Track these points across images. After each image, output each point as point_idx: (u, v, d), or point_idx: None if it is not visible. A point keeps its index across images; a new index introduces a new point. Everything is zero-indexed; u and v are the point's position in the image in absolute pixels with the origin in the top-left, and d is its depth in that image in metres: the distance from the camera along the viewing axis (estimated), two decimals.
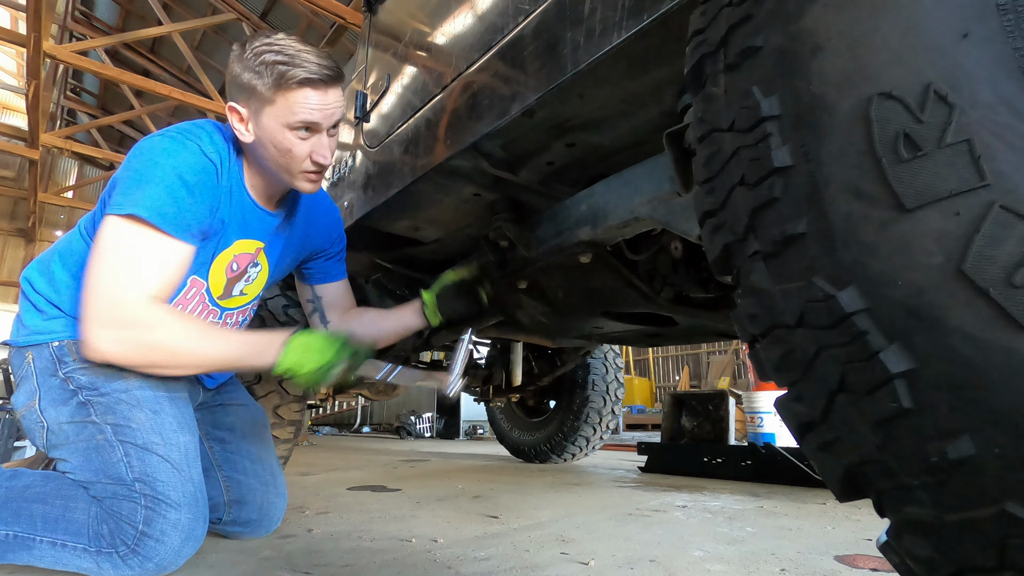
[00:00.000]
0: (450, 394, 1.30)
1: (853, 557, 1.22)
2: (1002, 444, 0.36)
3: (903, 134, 0.40)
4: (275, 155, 1.10)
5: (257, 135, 1.10)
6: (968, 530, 0.38)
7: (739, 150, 0.50)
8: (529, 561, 1.16)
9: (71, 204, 11.23)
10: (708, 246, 0.54)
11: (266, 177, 1.19)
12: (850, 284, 0.42)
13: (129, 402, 1.08)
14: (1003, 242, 0.37)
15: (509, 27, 1.09)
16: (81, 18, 9.62)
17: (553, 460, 3.44)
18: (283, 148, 1.09)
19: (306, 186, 1.16)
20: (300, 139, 1.09)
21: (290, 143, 1.08)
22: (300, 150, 1.10)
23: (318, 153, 1.11)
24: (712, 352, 14.78)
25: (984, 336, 0.37)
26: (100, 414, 1.07)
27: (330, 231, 1.48)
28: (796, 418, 0.48)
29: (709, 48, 0.55)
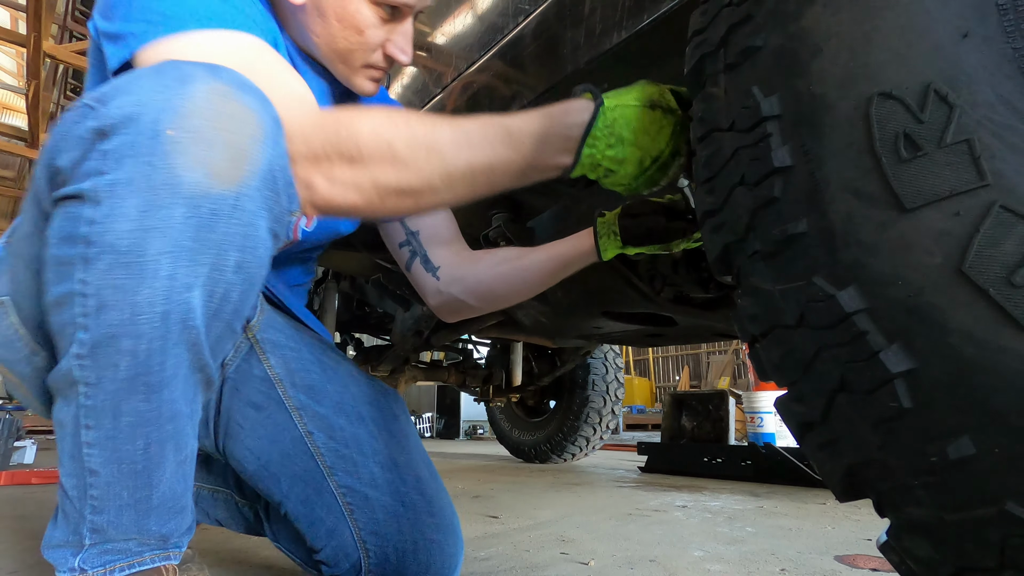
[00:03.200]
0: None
1: (853, 557, 1.22)
2: (1002, 444, 0.36)
3: (903, 134, 0.40)
4: (336, 33, 0.80)
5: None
6: (968, 530, 0.38)
7: (739, 150, 0.50)
8: (529, 561, 1.16)
9: None
10: (708, 246, 0.54)
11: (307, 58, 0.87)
12: (850, 284, 0.42)
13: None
14: (1003, 242, 0.37)
15: (509, 27, 1.09)
16: (81, 18, 9.61)
17: (553, 460, 3.44)
18: (353, 25, 0.79)
19: (366, 86, 0.86)
20: (380, 20, 0.80)
21: (365, 21, 0.79)
22: (374, 36, 0.80)
23: (395, 45, 0.82)
24: (712, 352, 14.79)
25: (984, 336, 0.37)
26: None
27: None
28: (796, 418, 0.48)
29: (709, 48, 0.55)
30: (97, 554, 0.62)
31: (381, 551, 0.85)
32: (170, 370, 0.58)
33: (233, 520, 1.03)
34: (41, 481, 2.38)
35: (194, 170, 0.53)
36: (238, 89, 0.57)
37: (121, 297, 0.53)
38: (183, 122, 0.53)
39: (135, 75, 0.56)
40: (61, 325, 0.57)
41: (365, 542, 0.85)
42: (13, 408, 3.18)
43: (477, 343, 3.72)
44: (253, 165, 0.56)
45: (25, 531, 1.41)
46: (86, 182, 0.53)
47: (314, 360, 0.93)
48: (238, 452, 0.87)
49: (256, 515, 1.01)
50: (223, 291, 0.59)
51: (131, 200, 0.52)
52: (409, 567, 0.86)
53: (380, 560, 0.85)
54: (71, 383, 0.57)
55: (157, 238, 0.53)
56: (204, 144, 0.54)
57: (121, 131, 0.53)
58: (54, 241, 0.56)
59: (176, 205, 0.53)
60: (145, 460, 0.60)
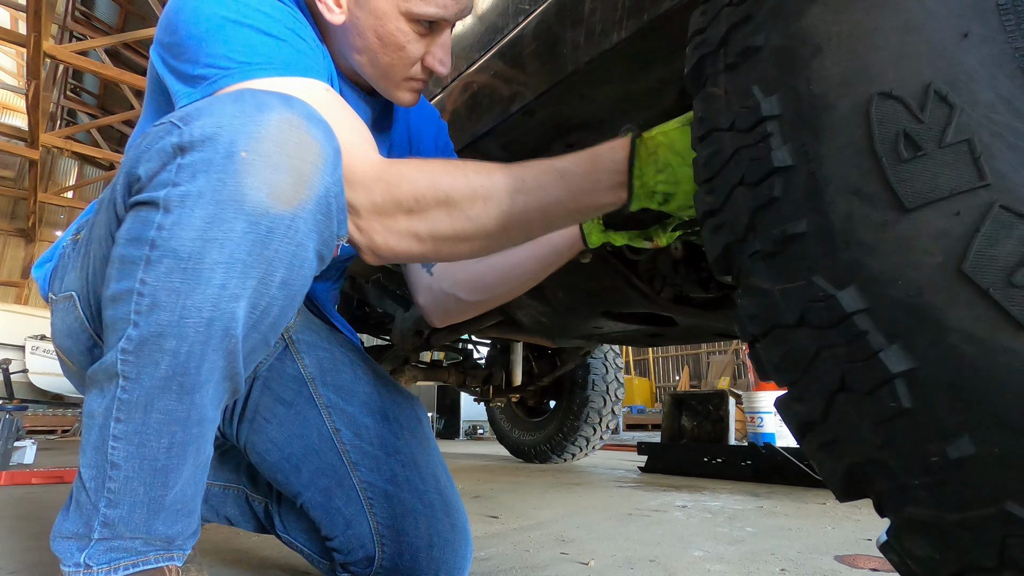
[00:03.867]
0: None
1: (853, 557, 1.22)
2: (1002, 444, 0.36)
3: (903, 134, 0.40)
4: (376, 49, 0.81)
5: (354, 17, 0.79)
6: (968, 530, 0.38)
7: (739, 150, 0.50)
8: (529, 561, 1.16)
9: (71, 204, 11.23)
10: (708, 246, 0.54)
11: (351, 74, 0.89)
12: (850, 284, 0.42)
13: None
14: (1003, 242, 0.37)
15: (509, 27, 1.09)
16: (81, 18, 9.62)
17: (553, 460, 3.45)
18: (392, 43, 0.80)
19: (407, 97, 0.87)
20: (418, 35, 0.80)
21: (403, 38, 0.79)
22: (413, 50, 0.81)
23: (435, 57, 0.83)
24: (712, 352, 14.79)
25: (984, 336, 0.37)
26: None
27: (437, 136, 1.10)
28: (796, 418, 0.48)
29: (709, 48, 0.55)
30: (103, 551, 0.63)
31: (396, 546, 0.87)
32: (204, 375, 0.61)
33: (243, 517, 1.05)
34: (41, 481, 2.38)
35: (259, 190, 0.58)
36: (307, 120, 0.61)
37: (174, 300, 0.58)
38: (256, 146, 0.58)
39: (217, 99, 0.61)
40: (114, 320, 0.61)
41: (382, 536, 0.88)
42: (13, 408, 3.18)
43: (477, 343, 3.72)
44: (312, 190, 0.61)
45: (25, 531, 1.41)
46: (160, 191, 0.58)
47: (345, 361, 0.97)
48: (260, 444, 0.90)
49: (266, 511, 1.02)
50: (265, 304, 0.63)
51: (198, 211, 0.57)
52: (421, 564, 0.88)
53: (394, 555, 0.87)
54: (112, 376, 0.60)
55: (216, 248, 0.57)
56: (272, 167, 0.59)
57: (199, 148, 0.58)
58: (122, 241, 0.60)
59: (238, 220, 0.58)
60: (167, 459, 0.63)
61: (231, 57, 0.68)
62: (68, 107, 11.69)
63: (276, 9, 0.73)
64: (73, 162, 13.65)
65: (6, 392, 6.03)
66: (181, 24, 0.70)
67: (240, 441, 0.91)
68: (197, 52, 0.69)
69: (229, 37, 0.68)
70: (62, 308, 0.79)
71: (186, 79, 0.70)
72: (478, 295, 1.02)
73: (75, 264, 0.78)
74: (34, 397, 6.76)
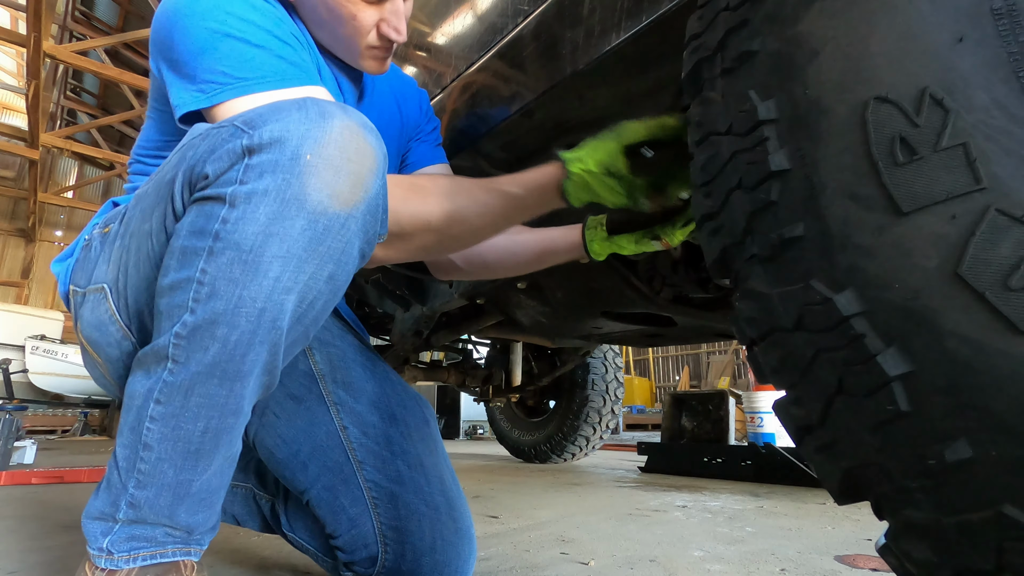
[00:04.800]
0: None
1: (853, 557, 1.22)
2: (999, 447, 0.36)
3: (899, 138, 0.40)
4: (330, 22, 0.85)
5: None
6: (966, 533, 0.38)
7: (736, 154, 0.50)
8: (529, 561, 1.16)
9: (71, 204, 11.24)
10: (706, 249, 0.54)
11: (323, 48, 0.92)
12: (847, 287, 0.42)
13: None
14: (999, 245, 0.37)
15: (508, 27, 1.09)
16: (81, 18, 9.62)
17: (553, 460, 3.45)
18: (342, 14, 0.83)
19: (371, 65, 0.90)
20: (367, 3, 0.83)
21: (353, 8, 0.83)
22: (365, 19, 0.84)
23: (388, 24, 0.85)
24: (712, 352, 14.80)
25: (981, 339, 0.37)
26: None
27: (420, 101, 1.15)
28: (794, 421, 0.48)
29: (706, 52, 0.55)
30: (125, 538, 0.66)
31: (399, 547, 0.88)
32: (248, 364, 0.64)
33: (249, 516, 1.05)
34: (41, 481, 2.38)
35: (321, 191, 0.62)
36: (363, 128, 0.66)
37: (231, 289, 0.61)
38: (321, 150, 0.62)
39: (281, 106, 0.65)
40: (170, 307, 0.64)
41: (385, 536, 0.88)
42: (13, 408, 3.18)
43: (477, 343, 3.72)
44: (366, 192, 0.66)
45: (25, 531, 1.41)
46: (228, 188, 0.62)
47: (356, 359, 0.98)
48: (269, 440, 0.90)
49: (273, 509, 1.03)
50: (312, 298, 0.66)
51: (263, 208, 0.61)
52: (424, 566, 0.88)
53: (397, 556, 0.88)
54: (161, 359, 0.64)
55: (276, 243, 0.61)
56: (334, 170, 0.63)
57: (267, 150, 0.61)
58: (184, 233, 0.64)
59: (299, 218, 0.61)
60: (200, 443, 0.66)
61: (227, 73, 0.72)
62: (68, 107, 11.70)
63: (258, 13, 0.76)
64: (73, 162, 13.66)
65: (6, 392, 6.03)
66: (176, 40, 0.73)
67: (250, 436, 0.92)
68: (195, 67, 0.72)
69: (223, 52, 0.72)
70: (92, 300, 0.79)
71: (186, 90, 0.73)
72: (474, 267, 1.10)
73: (107, 256, 0.79)
74: (34, 397, 6.76)
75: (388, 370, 1.03)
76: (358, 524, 0.88)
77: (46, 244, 13.07)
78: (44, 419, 7.01)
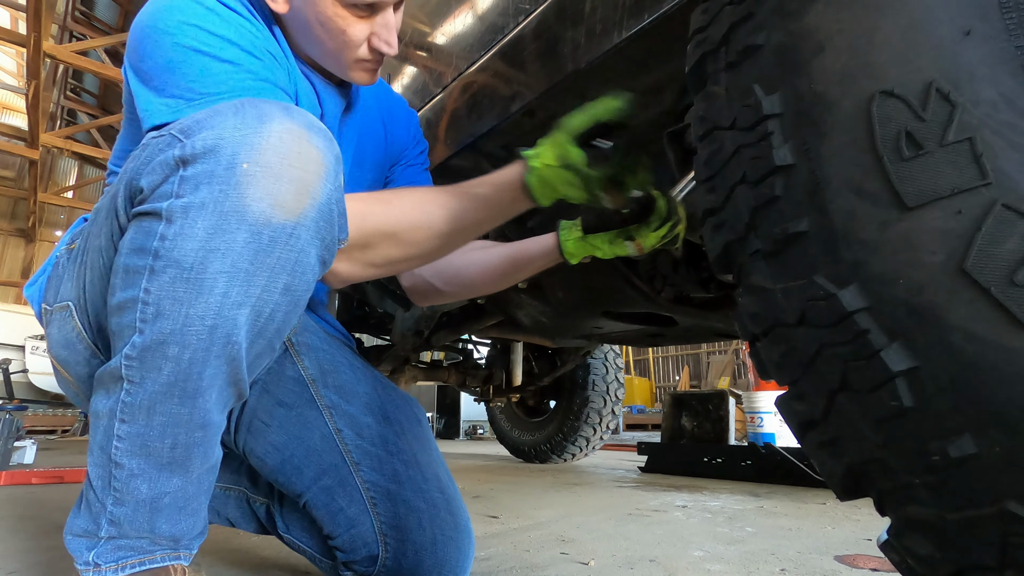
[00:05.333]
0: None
1: (853, 557, 1.22)
2: (1003, 443, 0.36)
3: (905, 132, 0.40)
4: (320, 35, 0.82)
5: (295, 7, 0.80)
6: (969, 529, 0.38)
7: (740, 148, 0.50)
8: (529, 561, 1.16)
9: (71, 204, 11.22)
10: (709, 245, 0.54)
11: (307, 60, 0.90)
12: (851, 283, 0.42)
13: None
14: (1005, 240, 0.37)
15: (509, 27, 1.09)
16: (81, 18, 9.63)
17: (553, 460, 3.44)
18: (333, 28, 0.80)
19: (361, 76, 0.88)
20: (358, 18, 0.80)
21: (343, 23, 0.80)
22: (356, 33, 0.81)
23: (379, 38, 0.83)
24: (712, 352, 14.79)
25: (985, 334, 0.37)
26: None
27: (408, 123, 1.12)
28: (797, 417, 0.47)
29: (710, 46, 0.55)
30: (111, 549, 0.65)
31: (400, 545, 0.88)
32: (207, 380, 0.62)
33: (244, 518, 1.05)
34: (41, 481, 2.37)
35: (261, 200, 0.59)
36: (307, 129, 0.63)
37: (177, 308, 0.59)
38: (258, 157, 0.59)
39: (217, 111, 0.62)
40: (120, 327, 0.62)
41: (385, 535, 0.88)
42: (13, 408, 3.18)
43: (477, 343, 3.72)
44: (314, 199, 0.63)
45: (25, 531, 1.41)
46: (163, 202, 0.59)
47: (345, 362, 0.98)
48: (260, 448, 0.90)
49: (268, 511, 1.02)
50: (270, 311, 0.64)
51: (201, 222, 0.58)
52: (425, 562, 0.88)
53: (397, 554, 0.88)
54: (116, 379, 0.62)
55: (218, 258, 0.58)
56: (273, 178, 0.60)
57: (201, 160, 0.59)
58: (125, 251, 0.62)
59: (240, 231, 0.59)
60: (171, 457, 0.64)
61: (193, 88, 0.70)
62: (68, 107, 11.69)
63: (230, 27, 0.74)
64: (73, 162, 13.65)
65: (6, 392, 6.03)
66: (147, 52, 0.72)
67: (239, 446, 0.91)
68: (163, 81, 0.70)
69: (189, 67, 0.70)
70: (58, 318, 0.78)
71: (153, 104, 0.71)
72: (455, 288, 1.06)
73: (71, 274, 0.78)
74: (34, 397, 6.76)
75: (376, 372, 1.03)
76: (357, 524, 0.88)
77: (46, 244, 13.06)
78: (44, 419, 7.00)
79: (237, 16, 0.76)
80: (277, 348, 0.71)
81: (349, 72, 0.88)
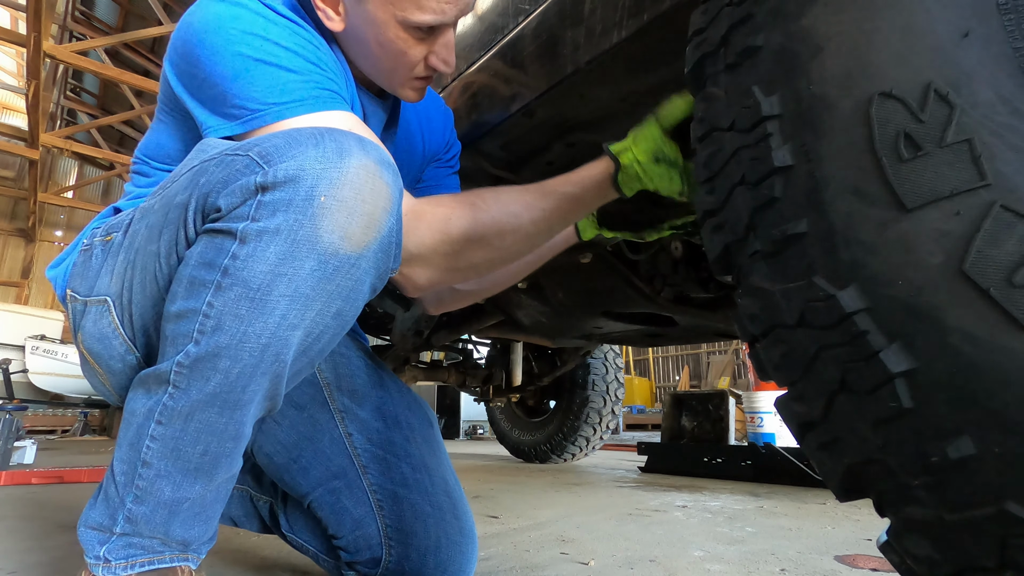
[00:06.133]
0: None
1: (853, 557, 1.22)
2: (1002, 444, 0.36)
3: (903, 134, 0.40)
4: (377, 55, 0.81)
5: (352, 25, 0.79)
6: (968, 529, 0.38)
7: (739, 150, 0.50)
8: (529, 561, 1.16)
9: (71, 204, 11.22)
10: (708, 246, 0.54)
11: (361, 78, 0.89)
12: (850, 284, 0.42)
13: None
14: (1004, 242, 0.37)
15: (509, 27, 1.09)
16: (81, 18, 9.61)
17: (553, 460, 3.44)
18: (392, 50, 0.79)
19: (411, 94, 0.87)
20: (417, 40, 0.79)
21: (403, 44, 0.79)
22: (415, 54, 0.80)
23: (438, 57, 0.82)
24: (712, 352, 14.79)
25: (984, 336, 0.37)
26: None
27: (444, 127, 1.11)
28: (796, 418, 0.48)
29: (709, 48, 0.55)
30: (122, 546, 0.66)
31: (404, 548, 0.89)
32: (249, 394, 0.64)
33: (247, 517, 1.05)
34: (41, 481, 2.37)
35: (333, 233, 0.61)
36: (380, 165, 0.65)
37: (236, 325, 0.61)
38: (336, 192, 0.61)
39: (297, 139, 0.63)
40: (175, 334, 0.64)
41: (390, 537, 0.89)
42: (13, 408, 3.18)
43: (477, 343, 3.72)
44: (378, 232, 0.65)
45: (25, 531, 1.41)
46: (239, 223, 0.61)
47: (359, 366, 0.98)
48: (268, 446, 0.90)
49: (271, 511, 1.03)
50: (318, 333, 0.66)
51: (273, 247, 0.60)
52: (428, 565, 0.89)
53: (401, 556, 0.89)
54: (162, 382, 0.64)
55: (284, 283, 0.61)
56: (347, 212, 0.62)
57: (281, 189, 0.61)
58: (193, 263, 0.64)
59: (309, 259, 0.61)
60: (199, 463, 0.66)
61: (259, 99, 0.71)
62: (68, 107, 11.68)
63: (291, 38, 0.74)
64: (73, 162, 13.64)
65: (6, 392, 6.02)
66: (204, 60, 0.72)
67: (249, 443, 0.91)
68: (225, 91, 0.71)
69: (254, 78, 0.71)
70: (94, 312, 0.78)
71: (217, 113, 0.73)
72: (473, 285, 1.06)
73: (110, 268, 0.77)
74: (34, 397, 6.75)
75: (390, 374, 1.03)
76: (362, 526, 0.89)
77: (46, 244, 13.05)
78: (44, 419, 7.00)
79: (299, 27, 0.76)
80: (315, 366, 0.72)
81: (400, 90, 0.87)
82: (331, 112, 0.73)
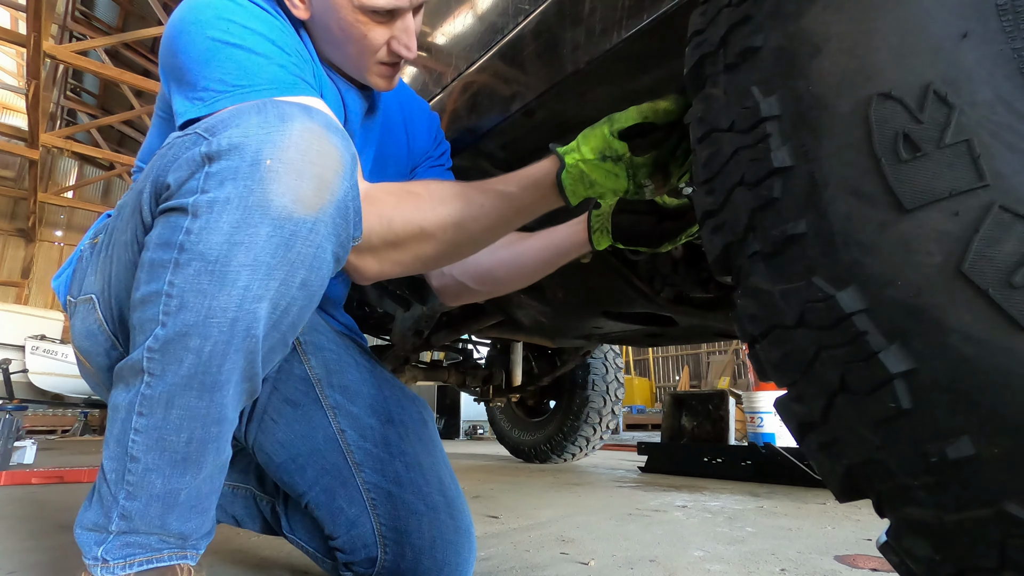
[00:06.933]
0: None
1: (853, 557, 1.22)
2: (1001, 444, 0.36)
3: (902, 134, 0.40)
4: (339, 40, 0.83)
5: (317, 12, 0.82)
6: (968, 530, 0.38)
7: (739, 150, 0.50)
8: (529, 561, 1.16)
9: (71, 204, 11.23)
10: (708, 246, 0.54)
11: (330, 64, 0.91)
12: (849, 284, 0.42)
13: None
14: (1002, 242, 0.37)
15: (509, 27, 1.09)
16: (81, 18, 9.61)
17: (553, 460, 3.44)
18: (352, 34, 0.81)
19: (379, 82, 0.89)
20: (377, 23, 0.81)
21: (364, 28, 0.81)
22: (376, 38, 0.82)
23: (399, 42, 0.84)
24: (712, 352, 14.79)
25: (983, 336, 0.37)
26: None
27: (430, 126, 1.13)
28: (796, 418, 0.48)
29: (709, 48, 0.55)
30: (120, 546, 0.66)
31: (399, 547, 0.88)
32: (226, 374, 0.64)
33: (250, 517, 1.06)
34: (41, 481, 2.38)
35: (284, 196, 0.61)
36: (326, 128, 0.65)
37: (200, 301, 0.60)
38: (281, 154, 0.61)
39: (240, 110, 0.64)
40: (142, 321, 0.64)
41: (384, 537, 0.88)
42: (13, 408, 3.18)
43: (477, 343, 3.72)
44: (332, 195, 0.65)
45: (25, 531, 1.41)
46: (189, 198, 0.61)
47: (352, 363, 0.98)
48: (268, 444, 0.91)
49: (273, 510, 1.03)
50: (286, 304, 0.66)
51: (226, 217, 0.60)
52: (424, 565, 0.88)
53: (396, 556, 0.88)
54: (137, 372, 0.64)
55: (242, 252, 0.60)
56: (295, 174, 0.62)
57: (226, 157, 0.61)
58: (152, 246, 0.64)
59: (263, 225, 0.61)
60: (186, 452, 0.65)
61: (226, 81, 0.71)
62: (68, 107, 11.68)
63: (262, 23, 0.75)
64: (73, 162, 13.64)
65: (6, 392, 6.02)
66: (180, 48, 0.73)
67: (248, 441, 0.92)
68: (196, 75, 0.72)
69: (222, 60, 0.71)
70: (82, 310, 0.80)
71: (187, 98, 0.73)
72: (486, 286, 1.07)
73: (94, 267, 0.80)
74: (34, 397, 6.75)
75: (385, 372, 1.03)
76: (357, 525, 0.89)
77: (46, 244, 13.06)
78: (44, 419, 7.00)
79: (268, 14, 0.78)
80: (289, 343, 0.72)
81: (368, 76, 0.88)
82: (297, 97, 0.73)
